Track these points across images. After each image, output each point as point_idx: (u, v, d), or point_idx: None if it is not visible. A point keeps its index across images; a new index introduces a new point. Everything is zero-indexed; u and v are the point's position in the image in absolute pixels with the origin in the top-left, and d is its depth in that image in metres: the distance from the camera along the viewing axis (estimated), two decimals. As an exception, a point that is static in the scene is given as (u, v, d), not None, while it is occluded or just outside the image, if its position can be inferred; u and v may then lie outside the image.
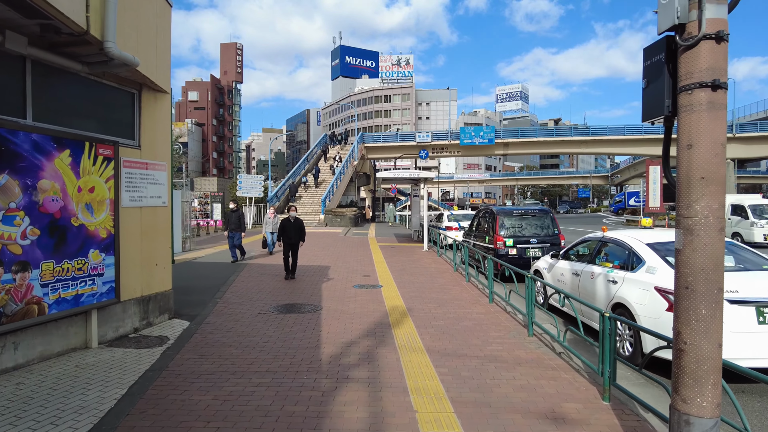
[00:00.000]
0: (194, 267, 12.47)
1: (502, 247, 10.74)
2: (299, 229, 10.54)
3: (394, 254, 15.40)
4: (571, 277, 7.15)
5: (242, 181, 28.06)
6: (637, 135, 42.48)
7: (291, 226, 10.48)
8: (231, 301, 8.29)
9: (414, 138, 42.93)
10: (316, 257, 14.36)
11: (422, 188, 16.48)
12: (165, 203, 6.77)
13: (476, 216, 13.23)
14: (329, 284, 9.89)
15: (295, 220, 10.57)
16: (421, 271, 11.77)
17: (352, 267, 12.42)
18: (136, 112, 6.26)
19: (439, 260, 13.98)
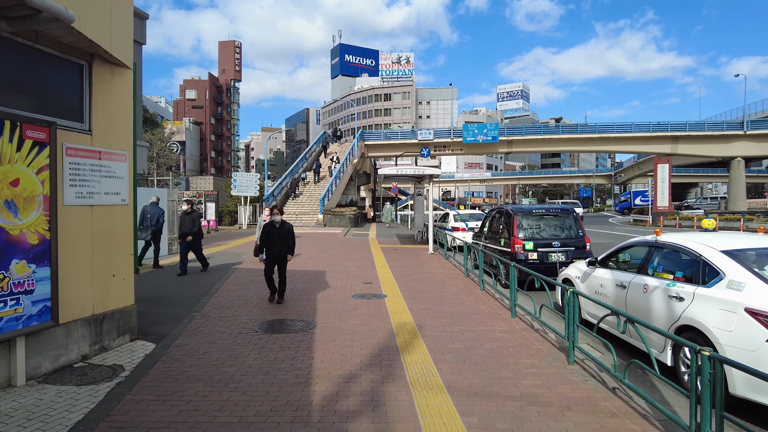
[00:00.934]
0: (173, 274, 11.28)
1: (520, 251, 9.55)
2: (287, 236, 8.01)
3: (397, 257, 14.21)
4: (614, 290, 5.96)
5: (237, 180, 26.88)
6: (644, 132, 41.32)
7: (276, 233, 7.93)
8: (210, 315, 7.10)
9: (415, 135, 41.74)
10: (313, 260, 13.17)
11: (427, 186, 15.28)
12: (125, 201, 5.59)
13: (488, 216, 12.05)
14: (326, 294, 8.70)
15: (282, 225, 8.02)
16: (429, 278, 10.59)
17: (352, 272, 11.24)
18: (85, 88, 5.07)
19: (446, 264, 12.80)
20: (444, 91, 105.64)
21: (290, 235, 8.07)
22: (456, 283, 10.02)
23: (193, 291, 8.87)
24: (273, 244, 7.95)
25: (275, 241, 7.94)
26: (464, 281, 10.20)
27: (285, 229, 8.03)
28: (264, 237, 8.05)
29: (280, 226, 8.02)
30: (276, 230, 7.99)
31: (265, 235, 8.02)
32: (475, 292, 8.99)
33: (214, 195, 27.13)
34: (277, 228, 8.00)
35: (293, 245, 8.12)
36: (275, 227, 7.99)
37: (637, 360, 4.11)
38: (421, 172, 14.70)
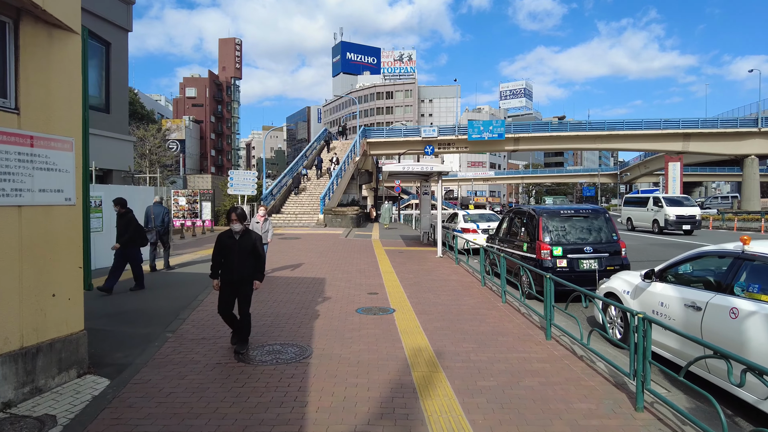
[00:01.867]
0: (160, 280, 10.12)
1: (547, 257, 8.37)
2: (251, 252, 5.42)
3: (403, 261, 13.04)
4: (682, 312, 4.79)
5: (233, 178, 25.66)
6: (654, 130, 40.08)
7: (235, 248, 5.36)
8: (186, 336, 5.93)
9: (419, 133, 40.53)
10: (312, 265, 12.01)
11: (437, 184, 14.11)
12: (71, 201, 4.42)
13: (506, 217, 10.86)
14: (325, 308, 7.53)
15: (244, 236, 5.43)
16: (441, 286, 9.41)
17: (355, 279, 10.07)
18: (9, 53, 3.91)
19: (458, 270, 11.63)
20: (446, 89, 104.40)
21: (256, 250, 5.44)
22: (472, 293, 8.84)
23: (173, 303, 7.71)
24: (230, 264, 5.34)
25: (233, 259, 5.33)
26: (481, 291, 9.03)
27: (248, 242, 5.41)
28: (217, 251, 5.48)
29: (241, 238, 5.39)
30: (235, 244, 5.37)
31: (221, 249, 5.44)
32: (497, 305, 7.82)
33: (210, 194, 25.93)
34: (237, 240, 5.39)
35: (262, 265, 5.54)
36: (233, 239, 5.39)
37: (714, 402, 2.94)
38: (428, 168, 13.52)
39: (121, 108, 14.29)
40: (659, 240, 20.28)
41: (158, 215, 10.87)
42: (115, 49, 13.81)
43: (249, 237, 5.47)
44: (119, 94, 14.14)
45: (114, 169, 14.09)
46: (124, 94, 14.46)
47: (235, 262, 5.33)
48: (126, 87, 14.63)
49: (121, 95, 14.28)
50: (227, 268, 5.37)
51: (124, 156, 14.51)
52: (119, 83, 14.10)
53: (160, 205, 11.24)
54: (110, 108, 13.81)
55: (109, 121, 13.76)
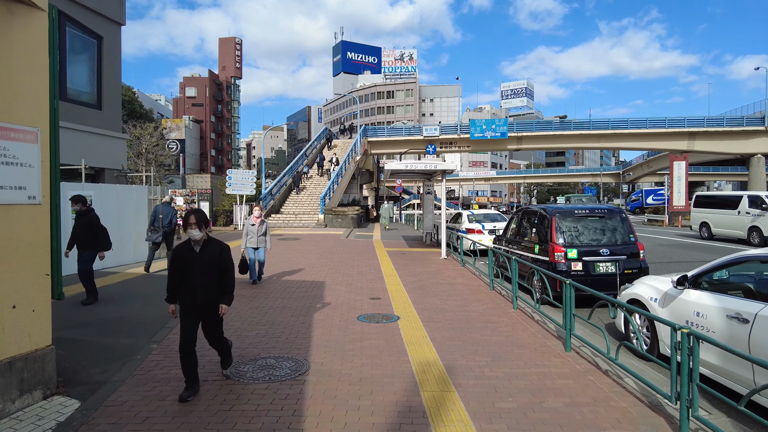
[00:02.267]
0: (151, 283, 9.62)
1: (561, 260, 7.85)
2: (217, 265, 4.21)
3: (406, 263, 12.53)
4: (724, 324, 4.27)
5: (232, 177, 25.21)
6: (659, 128, 39.54)
7: (197, 261, 4.15)
8: (173, 347, 5.42)
9: (421, 131, 40.03)
10: (311, 268, 11.50)
11: (441, 183, 13.59)
12: (35, 199, 3.91)
13: (515, 217, 10.34)
14: (324, 315, 7.02)
15: (208, 245, 4.23)
16: (447, 291, 8.90)
17: (356, 283, 9.56)
18: (-41, 28, 3.40)
19: (464, 272, 11.11)
20: (447, 88, 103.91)
21: (223, 263, 4.23)
22: (481, 297, 8.32)
23: (162, 310, 7.20)
24: (191, 283, 4.12)
25: (194, 277, 4.12)
26: (490, 296, 8.51)
27: (213, 254, 4.20)
28: (176, 270, 4.19)
29: (202, 249, 4.19)
30: (195, 257, 4.16)
31: (178, 265, 4.19)
32: (508, 312, 7.30)
33: (207, 194, 25.45)
34: (198, 252, 4.18)
35: (230, 283, 4.31)
36: (192, 251, 4.18)
37: None
38: (432, 167, 13.01)
39: (114, 104, 13.79)
40: (668, 240, 19.75)
41: (167, 215, 10.64)
42: (108, 43, 13.31)
43: (213, 247, 4.22)
44: (112, 90, 13.64)
45: (106, 167, 13.59)
46: (117, 90, 13.96)
47: (197, 281, 4.09)
48: (119, 83, 14.13)
49: (114, 91, 13.78)
50: (188, 289, 4.13)
51: (117, 154, 14.01)
52: (112, 79, 13.60)
53: (169, 206, 11.03)
54: (102, 104, 13.31)
55: (101, 118, 13.27)
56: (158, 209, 10.71)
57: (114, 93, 13.74)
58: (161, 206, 10.83)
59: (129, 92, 41.75)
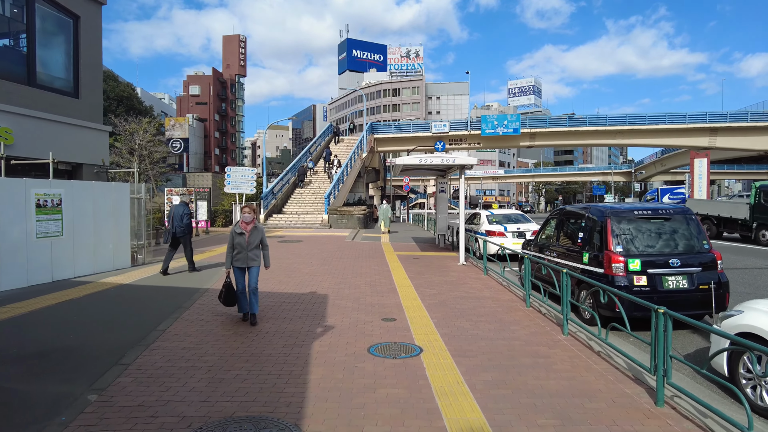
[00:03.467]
0: (125, 297, 8.17)
1: (620, 272, 6.31)
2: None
3: (420, 270, 11.02)
4: None
5: (230, 175, 23.77)
6: (679, 124, 37.75)
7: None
8: (117, 402, 3.93)
9: (429, 128, 38.45)
10: (312, 277, 10.02)
11: (460, 180, 12.06)
12: None
13: (552, 219, 8.79)
14: (326, 343, 5.52)
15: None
16: (475, 307, 7.38)
17: (365, 297, 8.06)
18: None
19: (489, 282, 9.60)
20: (455, 86, 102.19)
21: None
22: (518, 317, 6.81)
23: (124, 335, 5.75)
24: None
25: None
26: (528, 315, 6.99)
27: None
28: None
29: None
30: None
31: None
32: (558, 339, 5.78)
33: (205, 192, 24.02)
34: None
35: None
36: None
37: None
38: (449, 161, 11.49)
39: (94, 92, 12.37)
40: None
41: (177, 215, 10.37)
42: (86, 23, 11.88)
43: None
44: (91, 76, 12.22)
45: (85, 162, 12.16)
46: (97, 76, 12.53)
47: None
48: (100, 68, 12.70)
49: (94, 77, 12.35)
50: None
51: (98, 148, 12.58)
52: (91, 63, 12.18)
53: (186, 206, 10.73)
54: (80, 92, 11.89)
55: (78, 107, 11.85)
56: (172, 210, 10.50)
57: (93, 79, 12.31)
58: (175, 206, 10.56)
59: (128, 88, 40.48)
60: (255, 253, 6.38)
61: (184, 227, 10.46)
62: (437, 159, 11.54)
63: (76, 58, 11.77)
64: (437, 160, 11.54)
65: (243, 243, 6.28)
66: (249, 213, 6.37)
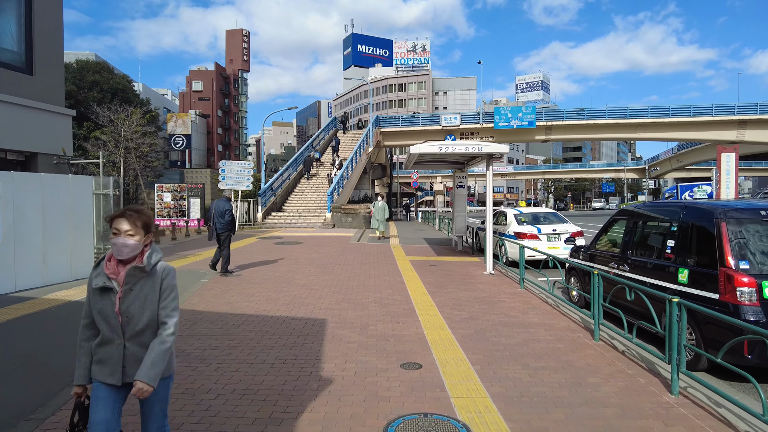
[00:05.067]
0: (52, 323, 6.27)
1: (747, 300, 4.33)
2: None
3: (441, 282, 9.06)
4: None
5: (225, 170, 21.87)
6: (705, 117, 35.53)
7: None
8: None
9: (439, 121, 36.42)
10: (310, 291, 8.08)
11: (488, 172, 10.07)
12: None
13: (620, 220, 6.78)
14: (320, 415, 3.57)
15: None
16: (527, 342, 5.41)
17: (375, 325, 6.11)
18: None
19: (529, 298, 7.62)
20: (462, 80, 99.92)
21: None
22: (589, 358, 4.83)
23: (22, 392, 3.84)
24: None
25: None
26: (602, 353, 5.01)
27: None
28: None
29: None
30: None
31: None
32: (665, 401, 3.80)
33: (199, 189, 22.15)
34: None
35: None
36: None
37: None
38: (476, 149, 9.51)
39: (52, 69, 10.46)
40: None
41: (218, 211, 9.79)
42: (42, -14, 9.97)
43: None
44: (49, 50, 10.31)
45: (40, 152, 10.27)
46: (56, 50, 10.62)
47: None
48: (60, 41, 10.79)
49: (52, 51, 10.44)
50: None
51: (58, 134, 10.68)
52: (48, 35, 10.27)
53: (228, 201, 10.11)
54: (34, 67, 10.00)
55: (32, 86, 9.95)
56: (213, 205, 9.93)
57: (52, 53, 10.40)
58: (216, 202, 9.97)
59: (124, 80, 38.67)
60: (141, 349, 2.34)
61: (225, 224, 9.74)
62: (461, 147, 9.56)
63: (28, 27, 9.86)
64: (461, 148, 9.56)
65: (110, 316, 2.32)
66: (131, 228, 2.32)
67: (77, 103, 30.54)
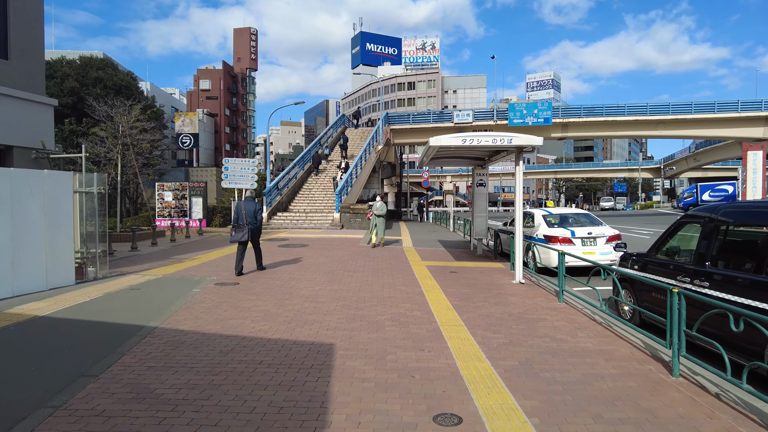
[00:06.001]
0: (5, 347, 5.20)
1: None
2: None
3: (467, 293, 7.89)
4: None
5: (228, 168, 20.83)
6: (730, 113, 33.91)
7: None
8: None
9: (451, 118, 35.17)
10: (315, 304, 6.95)
11: (518, 168, 8.89)
12: None
13: (694, 224, 5.58)
14: None
15: None
16: (588, 379, 4.24)
17: (395, 352, 4.97)
18: None
19: (573, 315, 6.43)
20: (472, 79, 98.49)
21: None
22: (674, 402, 3.65)
23: None
24: None
25: None
26: (689, 396, 3.83)
27: None
28: None
29: None
30: None
31: None
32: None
33: (201, 188, 21.13)
34: None
35: None
36: None
37: None
38: (505, 141, 8.34)
39: (31, 53, 9.42)
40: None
41: (249, 211, 9.67)
42: (18, -40, 8.93)
43: None
44: (27, 33, 9.28)
45: (16, 145, 9.22)
46: (35, 34, 9.58)
47: None
48: (40, 23, 9.74)
49: (30, 34, 9.41)
50: None
51: (37, 126, 9.64)
52: (26, 16, 9.23)
53: (253, 200, 9.99)
54: (9, 51, 8.96)
55: (6, 71, 8.91)
56: (240, 205, 9.76)
57: (30, 37, 9.36)
58: (243, 202, 9.85)
59: (128, 77, 37.85)
60: None
61: (258, 224, 9.83)
62: (488, 139, 8.39)
63: (2, 6, 8.81)
64: (488, 140, 8.39)
65: None
66: None
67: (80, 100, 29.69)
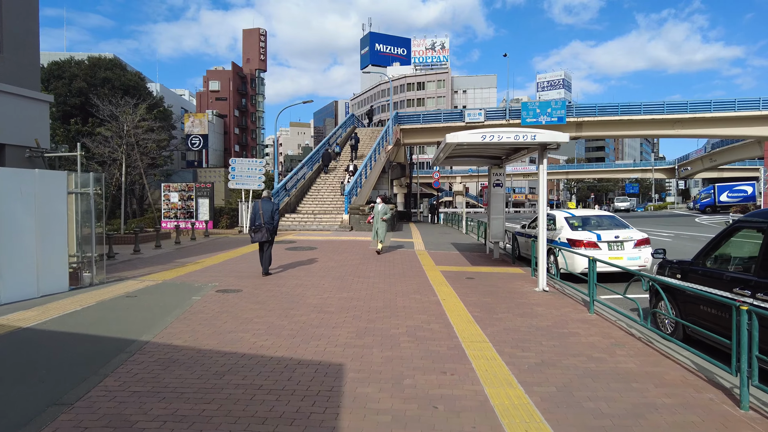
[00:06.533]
0: None
1: None
2: None
3: (487, 303, 7.27)
4: None
5: (235, 168, 20.35)
6: (752, 111, 32.87)
7: None
8: None
9: (462, 117, 34.48)
10: (322, 315, 6.37)
11: (542, 166, 8.25)
12: None
13: (749, 229, 4.92)
14: None
15: None
16: (641, 410, 3.60)
17: (413, 376, 4.37)
18: None
19: (607, 328, 5.79)
20: (482, 78, 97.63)
21: None
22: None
23: None
24: None
25: None
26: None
27: None
28: None
29: None
30: None
31: None
32: None
33: (207, 188, 20.67)
34: None
35: None
36: None
37: None
38: (528, 137, 7.71)
39: (24, 46, 8.96)
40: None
41: (267, 211, 9.59)
42: (11, -51, 8.46)
43: None
44: (19, 24, 8.81)
45: (8, 143, 8.75)
46: (29, 26, 9.12)
47: None
48: (36, 18, 9.28)
49: (24, 26, 8.94)
50: None
51: (32, 123, 9.17)
52: (20, 9, 8.76)
53: (270, 201, 9.89)
54: (2, 45, 8.48)
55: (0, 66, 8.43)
56: (257, 205, 9.70)
57: (23, 29, 8.89)
58: (260, 202, 9.78)
59: (136, 77, 37.62)
60: None
61: (274, 225, 9.66)
62: (509, 135, 7.77)
63: (-5, -3, 8.35)
64: (509, 136, 7.76)
65: None
66: None
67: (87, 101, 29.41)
